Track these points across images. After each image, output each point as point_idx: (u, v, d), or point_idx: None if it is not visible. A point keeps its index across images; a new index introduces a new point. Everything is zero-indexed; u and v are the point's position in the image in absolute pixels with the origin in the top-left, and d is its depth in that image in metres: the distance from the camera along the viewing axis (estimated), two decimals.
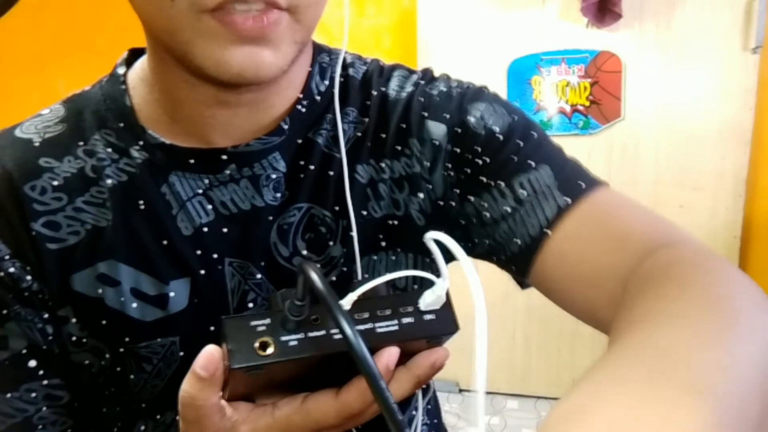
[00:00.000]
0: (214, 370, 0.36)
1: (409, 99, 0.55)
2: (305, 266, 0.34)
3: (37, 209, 0.47)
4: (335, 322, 0.33)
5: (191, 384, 0.37)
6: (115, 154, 0.50)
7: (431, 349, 0.41)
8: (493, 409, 2.23)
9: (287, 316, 0.36)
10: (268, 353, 0.36)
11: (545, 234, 0.48)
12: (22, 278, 0.47)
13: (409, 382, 0.40)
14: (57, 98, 0.54)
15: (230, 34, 0.41)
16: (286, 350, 0.36)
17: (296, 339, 0.37)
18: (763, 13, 1.96)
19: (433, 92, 0.55)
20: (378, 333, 0.38)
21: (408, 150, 0.54)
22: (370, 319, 0.38)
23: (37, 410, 0.48)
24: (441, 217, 0.54)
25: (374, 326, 0.38)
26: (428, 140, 0.53)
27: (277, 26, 0.42)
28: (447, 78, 0.58)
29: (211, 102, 0.48)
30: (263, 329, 0.37)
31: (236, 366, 0.35)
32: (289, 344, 0.36)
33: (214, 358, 0.36)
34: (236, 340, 0.36)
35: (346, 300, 0.37)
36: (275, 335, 0.36)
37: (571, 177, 0.50)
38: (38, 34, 2.50)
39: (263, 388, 0.41)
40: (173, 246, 0.49)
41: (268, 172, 0.51)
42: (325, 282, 0.34)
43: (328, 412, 0.39)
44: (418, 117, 0.54)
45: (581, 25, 2.10)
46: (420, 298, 0.40)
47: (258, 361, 0.36)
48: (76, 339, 0.49)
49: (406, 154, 0.54)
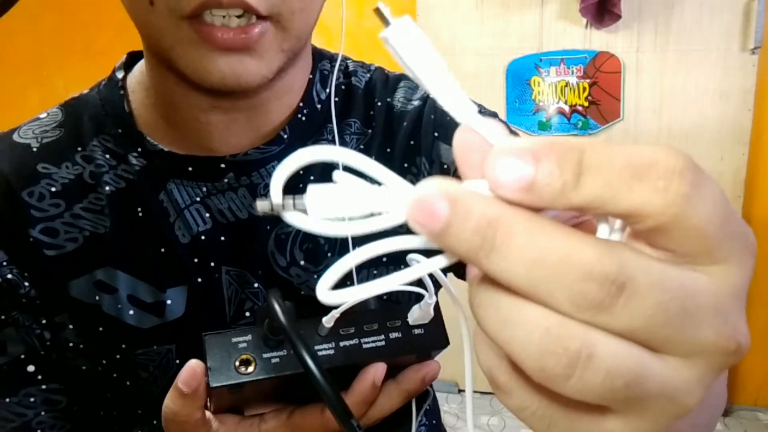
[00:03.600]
0: (196, 385, 0.36)
1: (418, 114, 0.54)
2: (269, 298, 0.34)
3: (34, 215, 0.47)
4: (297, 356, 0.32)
5: (173, 400, 0.37)
6: (113, 161, 0.50)
7: (422, 362, 0.40)
8: (492, 410, 2.23)
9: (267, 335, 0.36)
10: (248, 371, 0.36)
11: None
12: (19, 284, 0.47)
13: (398, 396, 0.40)
14: (57, 98, 0.54)
15: (210, 45, 0.40)
16: (267, 368, 0.36)
17: (278, 356, 0.36)
18: (761, 14, 1.96)
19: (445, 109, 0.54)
20: (364, 349, 0.38)
21: (415, 168, 0.53)
22: (356, 334, 0.38)
23: (36, 415, 0.48)
24: None
25: (360, 342, 0.38)
26: (437, 162, 0.53)
27: (261, 37, 0.41)
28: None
29: (206, 107, 0.47)
30: (244, 346, 0.36)
31: (215, 385, 0.35)
32: (271, 361, 0.36)
33: (196, 373, 0.36)
34: (216, 358, 0.36)
35: (328, 317, 0.37)
36: (256, 352, 0.36)
37: None
38: (38, 34, 2.50)
39: (250, 401, 0.40)
40: (171, 254, 0.49)
41: (267, 181, 0.51)
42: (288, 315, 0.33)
43: (314, 426, 0.39)
44: (429, 136, 0.53)
45: (580, 25, 2.10)
46: (408, 312, 0.39)
47: (238, 380, 0.35)
48: (73, 345, 0.49)
49: (413, 172, 0.53)
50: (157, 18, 0.40)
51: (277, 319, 0.33)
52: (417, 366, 0.40)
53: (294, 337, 0.32)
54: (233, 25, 0.40)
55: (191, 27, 0.40)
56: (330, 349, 0.37)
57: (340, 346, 0.37)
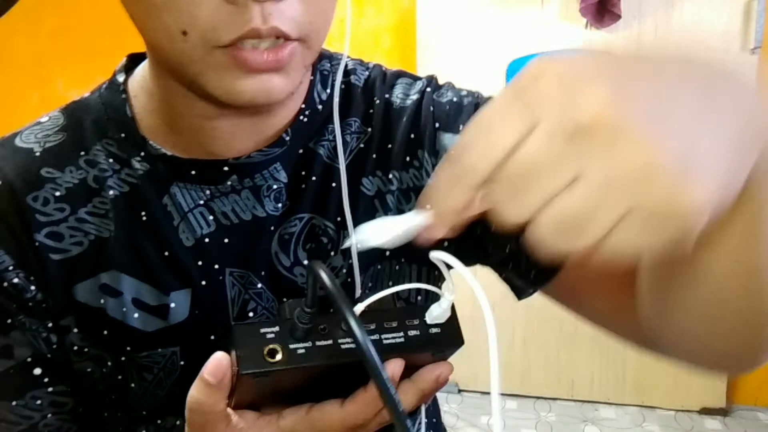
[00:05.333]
0: (222, 376, 0.36)
1: (416, 108, 0.54)
2: (315, 266, 0.34)
3: (39, 220, 0.48)
4: (344, 321, 0.32)
5: (199, 390, 0.37)
6: (116, 165, 0.50)
7: (436, 363, 0.41)
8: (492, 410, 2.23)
9: (296, 324, 0.37)
10: (276, 360, 0.36)
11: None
12: (25, 288, 0.47)
13: (414, 396, 0.41)
14: (57, 99, 0.54)
15: (242, 68, 0.41)
16: (294, 358, 0.37)
17: (304, 347, 0.37)
18: (761, 14, 1.96)
19: (442, 101, 0.54)
20: (384, 344, 0.38)
21: (417, 162, 0.53)
22: (377, 330, 0.39)
23: (43, 417, 0.49)
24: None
25: (381, 337, 0.39)
26: (441, 152, 0.53)
27: (291, 58, 0.42)
28: (453, 86, 0.57)
29: (213, 115, 0.48)
30: (272, 336, 0.37)
31: (245, 371, 0.36)
32: (297, 352, 0.37)
33: (222, 364, 0.36)
34: (245, 347, 0.36)
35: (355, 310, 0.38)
36: (284, 343, 0.37)
37: None
38: (38, 34, 2.50)
39: (269, 397, 0.41)
40: (175, 257, 0.49)
41: (269, 183, 0.51)
42: (334, 281, 0.34)
43: (332, 422, 0.39)
44: (431, 128, 0.53)
45: (580, 25, 2.10)
46: (426, 311, 0.40)
47: (266, 368, 0.36)
48: (78, 348, 0.49)
49: (415, 166, 0.53)
50: (190, 47, 0.40)
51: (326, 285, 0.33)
52: (431, 366, 0.41)
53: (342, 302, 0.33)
54: (263, 47, 0.40)
55: (225, 54, 0.40)
56: (352, 344, 0.37)
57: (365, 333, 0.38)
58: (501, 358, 0.28)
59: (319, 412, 0.40)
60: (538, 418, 2.25)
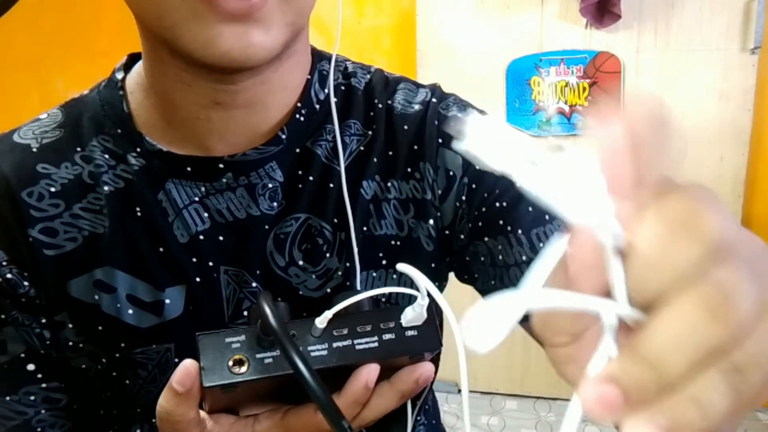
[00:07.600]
0: (190, 385, 0.36)
1: (421, 119, 0.54)
2: (260, 299, 0.34)
3: (34, 215, 0.48)
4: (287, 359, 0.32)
5: (167, 399, 0.37)
6: (112, 161, 0.50)
7: (416, 364, 0.40)
8: (491, 410, 2.23)
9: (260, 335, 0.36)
10: (242, 371, 0.36)
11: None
12: (19, 284, 0.47)
13: (392, 398, 0.40)
14: (57, 98, 0.54)
15: (216, 14, 0.39)
16: (260, 368, 0.36)
17: (271, 357, 0.36)
18: (761, 14, 1.96)
19: (448, 115, 0.54)
20: (357, 350, 0.38)
21: (418, 174, 0.53)
22: (349, 335, 0.38)
23: (36, 413, 0.49)
24: (446, 245, 0.54)
25: (353, 343, 0.38)
26: (442, 168, 0.53)
27: (264, 5, 0.40)
28: (458, 99, 0.56)
29: (207, 103, 0.47)
30: (238, 346, 0.36)
31: (208, 384, 0.35)
32: (264, 362, 0.36)
33: (190, 373, 0.36)
34: (210, 358, 0.36)
35: (321, 318, 0.37)
36: (250, 352, 0.36)
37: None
38: (38, 34, 2.50)
39: (245, 401, 0.41)
40: (169, 253, 0.49)
41: (265, 182, 0.51)
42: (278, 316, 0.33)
43: (308, 426, 0.39)
44: (434, 143, 0.53)
45: (580, 25, 2.10)
46: (401, 314, 0.39)
47: (231, 380, 0.35)
48: (73, 344, 0.49)
49: (416, 178, 0.53)
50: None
51: (267, 320, 0.33)
52: (411, 367, 0.40)
53: (283, 338, 0.32)
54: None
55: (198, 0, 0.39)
56: (323, 350, 0.37)
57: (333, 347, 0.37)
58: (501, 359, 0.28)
59: (294, 416, 0.39)
60: (538, 418, 2.24)
